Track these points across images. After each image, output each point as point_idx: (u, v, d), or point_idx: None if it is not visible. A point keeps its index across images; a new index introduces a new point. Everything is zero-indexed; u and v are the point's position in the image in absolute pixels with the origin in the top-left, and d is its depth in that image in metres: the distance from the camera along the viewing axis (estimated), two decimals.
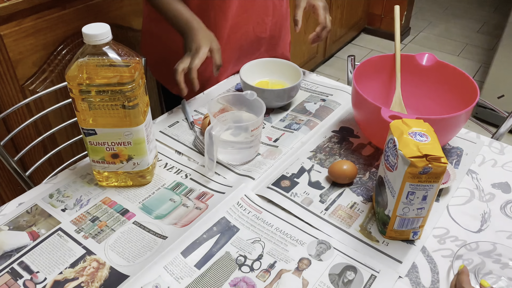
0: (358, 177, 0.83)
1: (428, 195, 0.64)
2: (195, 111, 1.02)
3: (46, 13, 1.18)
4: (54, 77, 1.26)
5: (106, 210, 0.76)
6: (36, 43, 1.18)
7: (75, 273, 0.65)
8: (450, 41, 3.18)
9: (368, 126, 0.86)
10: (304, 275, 0.65)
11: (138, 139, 0.74)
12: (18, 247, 0.69)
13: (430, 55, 0.94)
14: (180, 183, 0.82)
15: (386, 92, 0.98)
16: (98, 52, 0.67)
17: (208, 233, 0.71)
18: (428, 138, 0.63)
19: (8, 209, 0.76)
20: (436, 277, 0.65)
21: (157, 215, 0.75)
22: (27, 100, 1.04)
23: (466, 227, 0.73)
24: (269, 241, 0.70)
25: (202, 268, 0.66)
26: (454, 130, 0.81)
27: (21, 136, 1.25)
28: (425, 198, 0.64)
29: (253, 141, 0.83)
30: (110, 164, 0.77)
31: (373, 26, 3.20)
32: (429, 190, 0.63)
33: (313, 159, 0.87)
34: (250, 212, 0.76)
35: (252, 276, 0.65)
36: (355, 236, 0.71)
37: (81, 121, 0.72)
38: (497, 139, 1.09)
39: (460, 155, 0.88)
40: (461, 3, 3.78)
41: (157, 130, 0.95)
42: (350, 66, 1.28)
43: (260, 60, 1.05)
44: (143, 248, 0.69)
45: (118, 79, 0.68)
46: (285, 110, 1.02)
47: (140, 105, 0.72)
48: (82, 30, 0.66)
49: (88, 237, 0.71)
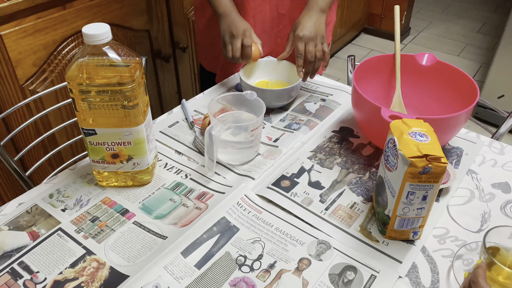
0: (358, 177, 0.83)
1: (428, 195, 0.64)
2: (195, 111, 1.02)
3: (46, 13, 1.18)
4: (54, 77, 1.26)
5: (106, 210, 0.76)
6: (36, 43, 1.18)
7: (75, 273, 0.65)
8: (450, 41, 3.18)
9: (368, 126, 0.86)
10: (304, 275, 0.65)
11: (138, 139, 0.74)
12: (18, 247, 0.69)
13: (430, 55, 0.94)
14: (180, 183, 0.82)
15: (386, 92, 0.98)
16: (98, 52, 0.67)
17: (208, 233, 0.71)
18: (428, 138, 0.63)
19: (8, 209, 0.76)
20: (436, 277, 0.65)
21: (157, 215, 0.75)
22: (27, 100, 1.04)
23: (466, 227, 0.73)
24: (269, 241, 0.70)
25: (202, 268, 0.66)
26: (454, 130, 0.81)
27: (21, 136, 1.25)
28: (425, 198, 0.64)
29: (253, 141, 0.83)
30: (110, 164, 0.77)
31: (373, 26, 3.20)
32: (429, 190, 0.63)
33: (313, 159, 0.87)
34: (250, 212, 0.76)
35: (252, 276, 0.65)
36: (355, 236, 0.71)
37: (81, 121, 0.72)
38: (497, 139, 1.09)
39: (460, 155, 0.88)
40: (461, 3, 3.78)
41: (157, 130, 0.95)
42: (350, 66, 1.28)
43: (260, 60, 1.05)
44: (143, 248, 0.69)
45: (118, 79, 0.68)
46: (285, 110, 1.02)
47: (140, 105, 0.72)
48: (82, 30, 0.66)
49: (88, 237, 0.71)
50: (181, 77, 1.70)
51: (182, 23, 1.59)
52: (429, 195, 0.64)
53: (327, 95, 1.07)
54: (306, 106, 1.03)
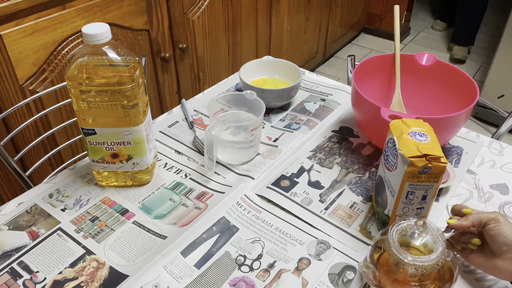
0: (358, 177, 0.83)
1: (427, 195, 0.64)
2: (195, 110, 1.02)
3: (46, 13, 1.18)
4: (54, 77, 1.26)
5: (106, 210, 0.76)
6: (36, 43, 1.18)
7: (74, 273, 0.65)
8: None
9: (368, 126, 0.86)
10: (303, 274, 0.65)
11: (137, 139, 0.74)
12: (18, 246, 0.69)
13: (430, 55, 0.94)
14: (180, 183, 0.82)
15: (386, 92, 0.98)
16: (97, 52, 0.67)
17: (207, 233, 0.71)
18: (427, 138, 0.63)
19: (8, 209, 0.76)
20: None
21: (157, 215, 0.75)
22: (27, 100, 1.04)
23: None
24: (268, 241, 0.70)
25: (201, 268, 0.66)
26: (453, 130, 0.81)
27: (21, 136, 1.25)
28: (424, 197, 0.64)
29: (253, 141, 0.83)
30: (109, 164, 0.77)
31: (373, 26, 3.20)
32: (429, 190, 0.63)
33: (312, 158, 0.87)
34: (250, 212, 0.76)
35: (251, 275, 0.65)
36: (354, 236, 0.71)
37: (80, 121, 0.72)
38: (497, 139, 1.09)
39: (460, 154, 0.88)
40: None
41: (156, 130, 0.95)
42: (350, 66, 1.28)
43: (259, 60, 1.05)
44: (142, 247, 0.69)
45: (117, 79, 0.68)
46: (284, 110, 1.02)
47: (139, 105, 0.72)
48: (82, 30, 0.66)
49: (87, 237, 0.71)
50: (181, 77, 1.70)
51: (182, 23, 1.59)
52: (428, 195, 0.64)
53: (327, 95, 1.07)
54: (306, 106, 1.03)
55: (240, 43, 1.92)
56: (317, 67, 2.83)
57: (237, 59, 1.94)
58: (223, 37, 1.80)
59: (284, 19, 2.14)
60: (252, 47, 2.01)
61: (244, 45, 1.94)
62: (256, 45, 2.03)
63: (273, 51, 2.17)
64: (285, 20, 2.15)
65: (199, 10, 1.63)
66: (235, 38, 1.87)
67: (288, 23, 2.19)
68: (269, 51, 2.14)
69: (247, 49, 1.98)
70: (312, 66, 2.68)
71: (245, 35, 1.93)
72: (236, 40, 1.88)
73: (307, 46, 2.48)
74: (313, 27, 2.44)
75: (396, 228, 0.59)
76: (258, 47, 2.05)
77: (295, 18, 2.23)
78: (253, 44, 2.01)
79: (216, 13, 1.71)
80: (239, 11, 1.82)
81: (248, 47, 1.98)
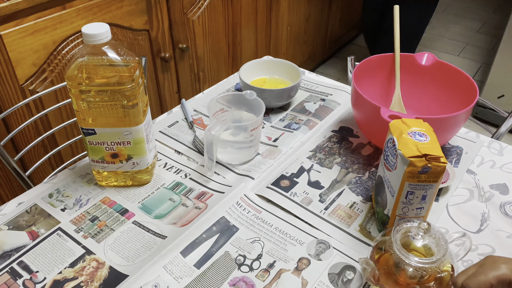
0: (358, 177, 0.83)
1: (427, 195, 0.64)
2: (195, 110, 1.02)
3: (46, 13, 1.18)
4: (54, 77, 1.26)
5: (106, 209, 0.76)
6: (36, 43, 1.18)
7: (74, 273, 0.65)
8: (450, 41, 3.18)
9: (368, 126, 0.86)
10: (303, 274, 0.65)
11: (137, 139, 0.75)
12: (18, 246, 0.69)
13: (430, 55, 0.94)
14: (180, 183, 0.82)
15: (386, 92, 0.98)
16: (97, 52, 0.67)
17: (207, 233, 0.71)
18: (427, 137, 0.63)
19: (8, 209, 0.76)
20: None
21: (157, 214, 0.75)
22: (27, 100, 1.04)
23: (465, 227, 0.73)
24: (268, 241, 0.70)
25: (201, 268, 0.66)
26: (453, 130, 0.81)
27: (21, 136, 1.25)
28: (424, 197, 0.64)
29: (253, 140, 0.83)
30: (109, 164, 0.77)
31: None
32: (429, 190, 0.63)
33: (312, 158, 0.87)
34: (250, 211, 0.76)
35: (251, 275, 0.65)
36: (354, 236, 0.71)
37: (80, 120, 0.72)
38: (497, 139, 1.09)
39: (460, 154, 0.88)
40: (461, 3, 3.78)
41: (156, 130, 0.95)
42: (350, 66, 1.28)
43: (259, 60, 1.05)
44: (142, 247, 0.69)
45: (117, 79, 0.68)
46: (284, 110, 1.02)
47: (139, 105, 0.72)
48: (81, 30, 0.66)
49: (87, 237, 0.71)
50: (181, 77, 1.71)
51: (182, 23, 1.59)
52: (428, 195, 0.64)
53: (327, 95, 1.07)
54: (306, 105, 1.03)
55: (240, 43, 1.92)
56: (317, 67, 2.83)
57: (237, 59, 1.95)
58: (223, 37, 1.80)
59: (284, 19, 2.14)
60: (252, 47, 2.01)
61: (244, 45, 1.95)
62: (256, 45, 2.03)
63: (273, 51, 2.17)
64: (285, 20, 2.15)
65: (199, 10, 1.63)
66: (235, 38, 1.87)
67: (288, 23, 2.19)
68: (269, 51, 2.14)
69: (247, 49, 1.98)
70: (312, 66, 2.68)
71: (245, 35, 1.93)
72: (236, 40, 1.88)
73: (307, 46, 2.48)
74: (313, 27, 2.44)
75: (399, 228, 0.59)
76: (258, 47, 2.05)
77: (295, 18, 2.23)
78: (253, 44, 2.01)
79: (216, 13, 1.71)
80: (239, 11, 1.82)
81: (248, 47, 1.98)
